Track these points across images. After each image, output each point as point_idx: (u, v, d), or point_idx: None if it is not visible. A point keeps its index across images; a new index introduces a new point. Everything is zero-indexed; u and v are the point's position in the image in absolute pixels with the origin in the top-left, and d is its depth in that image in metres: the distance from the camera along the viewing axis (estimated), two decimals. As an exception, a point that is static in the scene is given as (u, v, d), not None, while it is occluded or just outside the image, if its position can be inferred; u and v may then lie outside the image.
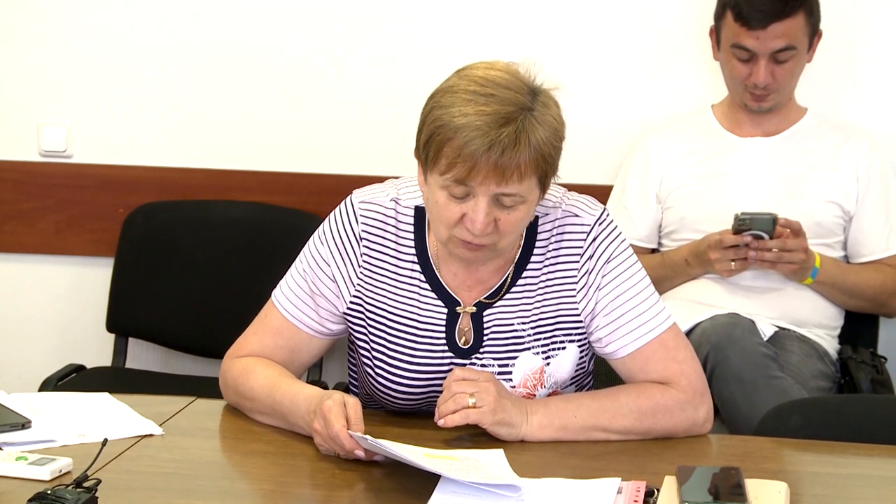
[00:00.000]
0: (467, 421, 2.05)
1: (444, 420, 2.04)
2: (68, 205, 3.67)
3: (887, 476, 2.04)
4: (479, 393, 2.06)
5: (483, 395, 2.06)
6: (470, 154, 1.98)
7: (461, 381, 2.07)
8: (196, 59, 3.60)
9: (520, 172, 2.00)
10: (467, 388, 2.06)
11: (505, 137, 1.98)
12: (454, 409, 2.04)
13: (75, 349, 3.67)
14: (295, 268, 2.27)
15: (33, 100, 3.66)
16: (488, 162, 1.98)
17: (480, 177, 1.99)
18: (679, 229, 3.23)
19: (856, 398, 2.85)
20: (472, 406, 2.04)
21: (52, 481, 1.87)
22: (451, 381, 2.08)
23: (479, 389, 2.06)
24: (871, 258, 3.21)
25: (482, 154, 1.98)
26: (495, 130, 1.98)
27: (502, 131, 1.98)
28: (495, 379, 2.11)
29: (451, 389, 2.07)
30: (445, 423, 2.04)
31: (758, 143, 3.23)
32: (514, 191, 2.02)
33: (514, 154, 1.98)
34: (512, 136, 1.98)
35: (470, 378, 2.08)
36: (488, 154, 1.97)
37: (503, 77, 2.03)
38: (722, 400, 2.80)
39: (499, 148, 1.97)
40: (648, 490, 1.86)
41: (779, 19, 3.06)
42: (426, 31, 3.52)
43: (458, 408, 2.04)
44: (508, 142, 1.98)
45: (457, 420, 2.04)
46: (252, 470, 2.05)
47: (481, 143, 1.97)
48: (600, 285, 2.17)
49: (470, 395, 2.05)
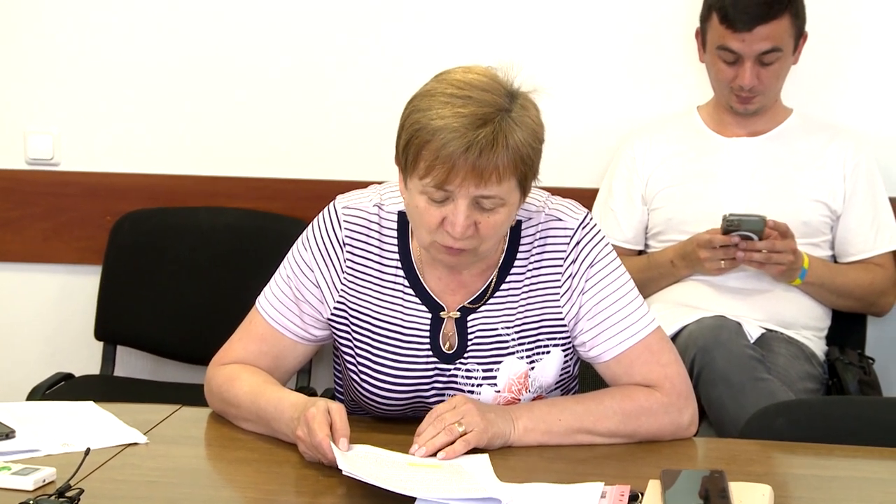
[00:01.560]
0: (469, 447, 2.02)
1: (444, 453, 2.00)
2: (55, 212, 3.66)
3: (871, 477, 2.04)
4: (464, 418, 2.04)
5: (469, 419, 2.05)
6: (448, 156, 1.98)
7: (443, 414, 2.06)
8: (183, 67, 3.60)
9: (498, 174, 2.00)
10: (452, 419, 2.04)
11: (482, 138, 1.98)
12: (450, 440, 2.01)
13: (63, 357, 3.66)
14: (279, 274, 2.26)
15: (20, 107, 3.66)
16: (466, 163, 1.98)
17: (459, 178, 1.99)
18: (665, 230, 3.23)
19: (841, 400, 2.85)
20: (463, 433, 2.03)
21: (36, 491, 1.86)
22: (433, 418, 2.05)
23: (463, 414, 2.05)
24: (859, 257, 3.22)
25: (460, 155, 1.98)
26: (472, 132, 1.98)
27: (479, 132, 1.98)
28: (470, 398, 2.10)
29: (443, 422, 2.04)
30: (447, 456, 2.00)
31: (744, 144, 3.24)
32: (493, 192, 2.01)
33: (492, 155, 1.98)
34: (489, 136, 1.98)
35: (447, 410, 2.06)
36: (466, 155, 1.98)
37: (480, 80, 2.04)
38: (709, 402, 2.80)
39: (476, 149, 1.98)
40: (633, 494, 1.86)
41: (764, 21, 3.06)
42: (411, 38, 3.51)
43: (454, 438, 2.02)
44: (486, 142, 1.98)
45: (459, 451, 2.01)
46: (237, 477, 2.05)
47: (459, 145, 1.97)
48: (584, 289, 2.17)
49: (457, 423, 2.04)
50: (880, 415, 2.32)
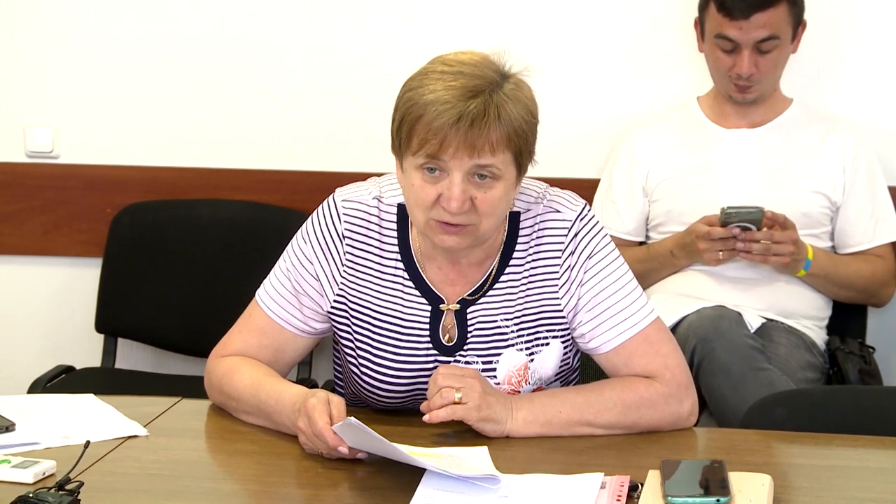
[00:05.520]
0: (453, 417, 2.05)
1: (429, 415, 2.04)
2: (55, 206, 3.66)
3: (872, 467, 2.04)
4: (464, 389, 2.06)
5: (468, 392, 2.06)
6: (439, 127, 1.99)
7: (447, 376, 2.07)
8: (183, 59, 3.59)
9: (491, 144, 2.01)
10: (453, 384, 2.06)
11: (473, 108, 1.99)
12: (441, 405, 2.04)
13: (64, 350, 3.66)
14: (279, 267, 2.27)
15: (19, 100, 3.66)
16: (458, 133, 1.99)
17: (452, 149, 2.00)
18: (666, 222, 3.23)
19: (841, 389, 2.85)
20: (458, 402, 2.05)
21: (36, 484, 1.86)
22: (436, 376, 2.08)
23: (465, 385, 2.06)
24: (859, 248, 3.22)
25: (451, 126, 1.99)
26: (463, 102, 2.00)
27: (470, 103, 2.00)
28: (481, 376, 2.11)
29: (438, 384, 2.06)
30: (431, 419, 2.04)
31: (744, 135, 3.23)
32: (486, 162, 2.02)
33: (484, 125, 2.00)
34: (480, 107, 2.00)
35: (456, 374, 2.08)
36: (457, 125, 1.99)
37: (473, 59, 2.06)
38: (709, 393, 2.80)
39: (468, 119, 1.99)
40: (632, 484, 1.86)
41: (761, 9, 3.06)
42: (410, 29, 3.51)
43: (445, 403, 2.04)
44: (477, 112, 1.99)
45: (442, 416, 2.04)
46: (237, 470, 2.05)
47: (450, 116, 1.99)
48: (582, 281, 2.17)
49: (456, 390, 2.05)
50: (881, 404, 2.32)
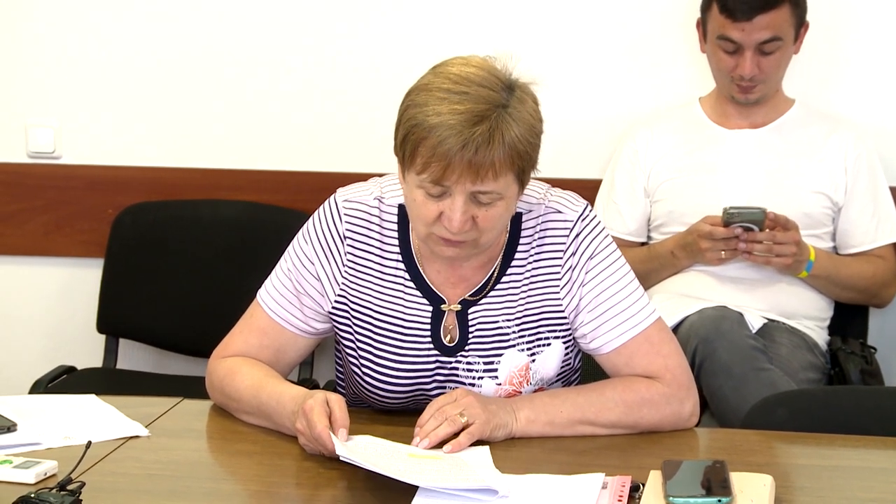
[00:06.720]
0: (473, 440, 2.02)
1: (450, 445, 1.99)
2: (57, 206, 3.66)
3: (873, 467, 2.04)
4: (466, 410, 2.04)
5: (471, 410, 2.04)
6: (444, 153, 1.98)
7: (444, 406, 2.05)
8: (184, 59, 3.60)
9: (494, 170, 2.00)
10: (454, 410, 2.04)
11: (479, 136, 1.97)
12: (454, 431, 2.01)
13: (66, 351, 3.66)
14: (280, 267, 2.26)
15: (21, 100, 3.66)
16: (462, 161, 1.98)
17: (455, 175, 1.99)
18: (668, 222, 3.23)
19: (843, 390, 2.85)
20: (466, 424, 2.03)
21: (37, 484, 1.86)
22: (434, 409, 2.05)
23: (464, 406, 2.05)
24: (860, 249, 3.22)
25: (456, 153, 1.97)
26: (469, 129, 1.97)
27: (475, 129, 1.98)
28: (470, 391, 2.11)
29: (444, 413, 2.03)
30: (453, 450, 1.99)
31: (746, 135, 3.23)
32: (489, 188, 2.01)
33: (488, 152, 1.98)
34: (486, 134, 1.98)
35: (448, 402, 2.06)
36: (462, 153, 1.97)
37: (478, 74, 2.03)
38: (711, 393, 2.80)
39: (472, 146, 1.97)
40: (634, 485, 1.86)
41: (764, 11, 3.06)
42: (412, 29, 3.51)
43: (457, 429, 2.02)
44: (482, 140, 1.98)
45: (464, 443, 2.00)
46: (238, 470, 2.05)
47: (455, 143, 1.97)
48: (584, 281, 2.17)
49: (459, 414, 2.03)
50: (882, 404, 2.31)
